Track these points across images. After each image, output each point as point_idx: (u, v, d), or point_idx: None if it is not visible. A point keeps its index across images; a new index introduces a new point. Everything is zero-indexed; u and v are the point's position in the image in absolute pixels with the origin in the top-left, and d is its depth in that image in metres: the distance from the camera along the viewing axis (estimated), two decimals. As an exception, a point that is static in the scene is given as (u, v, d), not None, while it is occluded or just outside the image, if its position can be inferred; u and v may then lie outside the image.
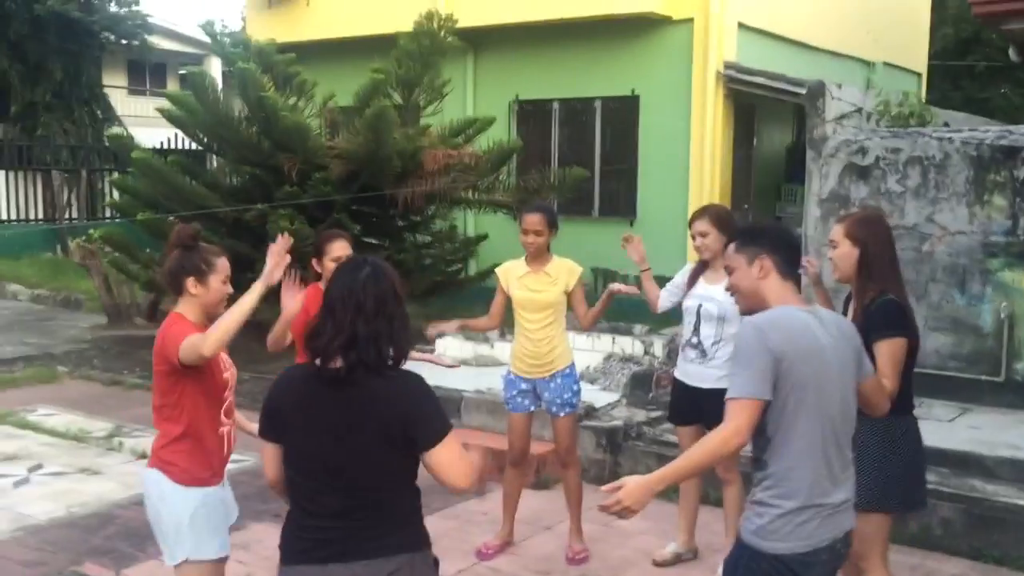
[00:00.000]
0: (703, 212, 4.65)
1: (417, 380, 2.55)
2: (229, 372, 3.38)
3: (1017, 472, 5.37)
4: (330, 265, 4.27)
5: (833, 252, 3.67)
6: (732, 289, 2.91)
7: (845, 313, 3.70)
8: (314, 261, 4.37)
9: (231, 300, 3.33)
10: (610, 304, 4.81)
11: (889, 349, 3.42)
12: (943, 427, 6.08)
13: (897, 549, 4.95)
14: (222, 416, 3.36)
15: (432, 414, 2.51)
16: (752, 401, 2.58)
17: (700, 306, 4.51)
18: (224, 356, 3.34)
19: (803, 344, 2.62)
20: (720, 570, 4.53)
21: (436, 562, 2.65)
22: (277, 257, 3.39)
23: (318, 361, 2.51)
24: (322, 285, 4.34)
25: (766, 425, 2.65)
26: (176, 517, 3.26)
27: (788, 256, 2.82)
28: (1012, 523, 4.95)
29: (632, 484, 2.59)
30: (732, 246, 2.89)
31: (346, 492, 2.48)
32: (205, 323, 3.29)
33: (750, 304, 2.83)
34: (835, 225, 3.75)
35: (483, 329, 5.20)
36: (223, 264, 3.33)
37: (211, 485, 3.34)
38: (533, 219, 4.78)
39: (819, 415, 2.64)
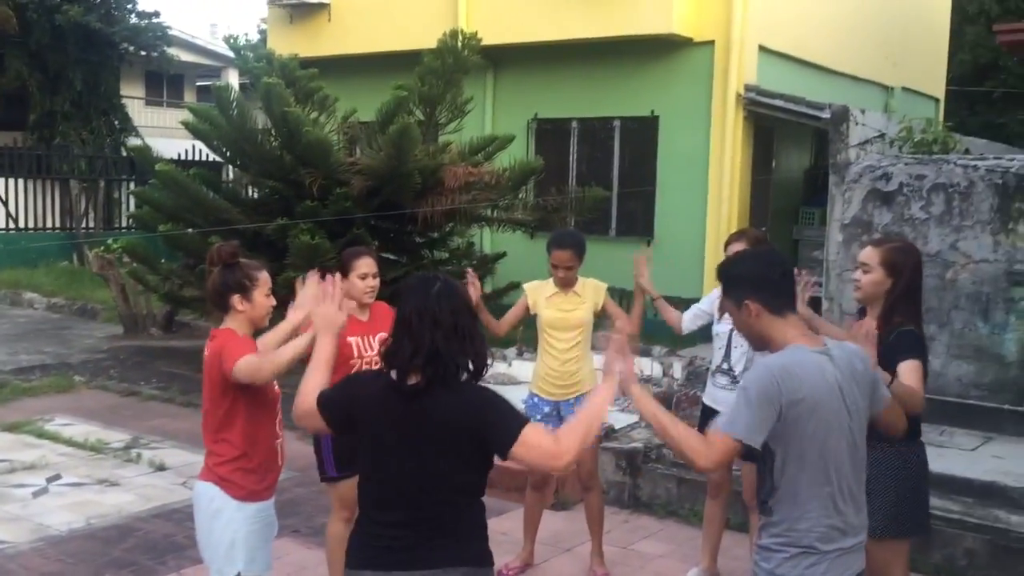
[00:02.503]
0: (740, 235, 4.63)
1: (484, 391, 2.58)
2: (277, 386, 3.41)
3: (1042, 504, 5.33)
4: (357, 282, 4.27)
5: (862, 276, 3.62)
6: (737, 331, 2.87)
7: None
8: (338, 278, 4.34)
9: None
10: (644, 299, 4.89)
11: (915, 367, 3.41)
12: (966, 456, 6.04)
13: (922, 579, 4.93)
14: (276, 429, 3.38)
15: (502, 419, 2.52)
16: (734, 442, 2.56)
17: (732, 331, 4.49)
18: None
19: (814, 396, 2.56)
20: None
21: None
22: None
23: (393, 375, 2.53)
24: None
25: (772, 473, 2.63)
26: (231, 532, 3.28)
27: (775, 292, 2.67)
28: (1038, 555, 4.91)
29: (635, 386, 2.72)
30: (721, 291, 2.85)
31: (415, 503, 2.53)
32: (251, 337, 3.33)
33: (757, 345, 2.79)
34: (868, 248, 3.67)
35: (491, 327, 4.93)
36: (265, 278, 3.36)
37: (265, 499, 3.36)
38: (563, 256, 4.77)
39: (828, 466, 2.59)
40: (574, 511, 5.83)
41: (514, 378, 8.21)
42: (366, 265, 4.29)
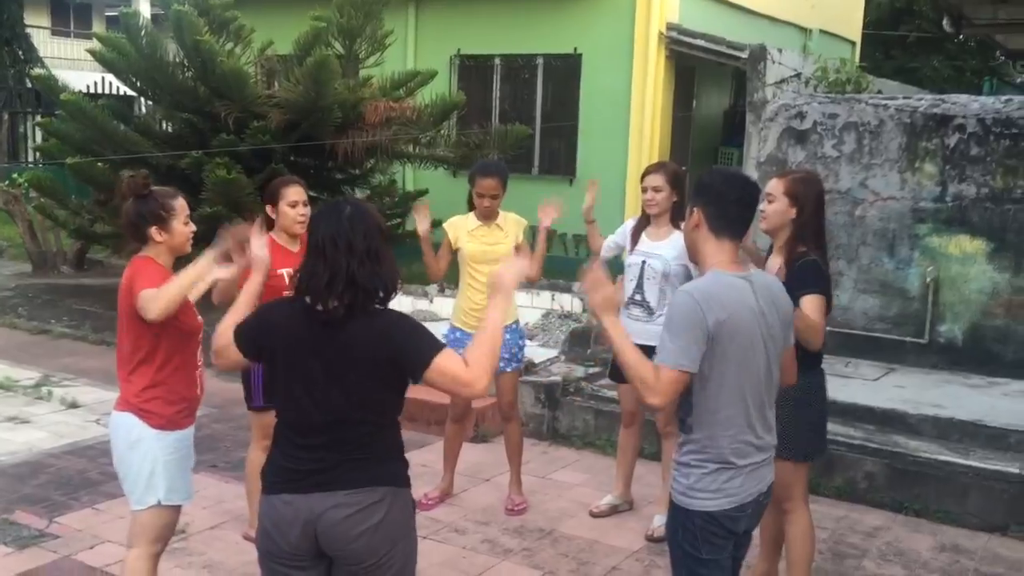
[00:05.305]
0: (659, 167, 4.67)
1: (400, 317, 2.59)
2: (199, 316, 3.37)
3: (938, 429, 5.59)
4: (287, 210, 4.22)
5: (767, 206, 3.69)
6: (683, 235, 2.93)
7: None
8: (268, 208, 4.30)
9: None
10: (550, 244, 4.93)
11: (816, 301, 3.52)
12: (869, 386, 6.29)
13: (823, 501, 5.16)
14: (196, 359, 3.34)
15: (418, 344, 2.54)
16: (680, 373, 2.62)
17: (644, 262, 4.56)
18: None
19: (735, 318, 2.64)
20: (655, 520, 4.69)
21: (414, 503, 2.70)
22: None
23: (308, 300, 2.52)
24: (274, 234, 4.28)
25: (692, 392, 2.71)
26: (151, 462, 3.24)
27: (722, 213, 2.72)
28: (932, 477, 5.16)
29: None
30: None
31: (333, 426, 2.53)
32: (170, 267, 3.29)
33: (690, 255, 2.87)
34: (773, 179, 3.76)
35: (429, 267, 5.02)
36: (181, 205, 3.29)
37: (185, 428, 3.33)
38: (490, 183, 4.78)
39: (744, 386, 2.69)
40: (494, 443, 5.92)
41: (436, 315, 8.23)
42: (296, 193, 4.24)
